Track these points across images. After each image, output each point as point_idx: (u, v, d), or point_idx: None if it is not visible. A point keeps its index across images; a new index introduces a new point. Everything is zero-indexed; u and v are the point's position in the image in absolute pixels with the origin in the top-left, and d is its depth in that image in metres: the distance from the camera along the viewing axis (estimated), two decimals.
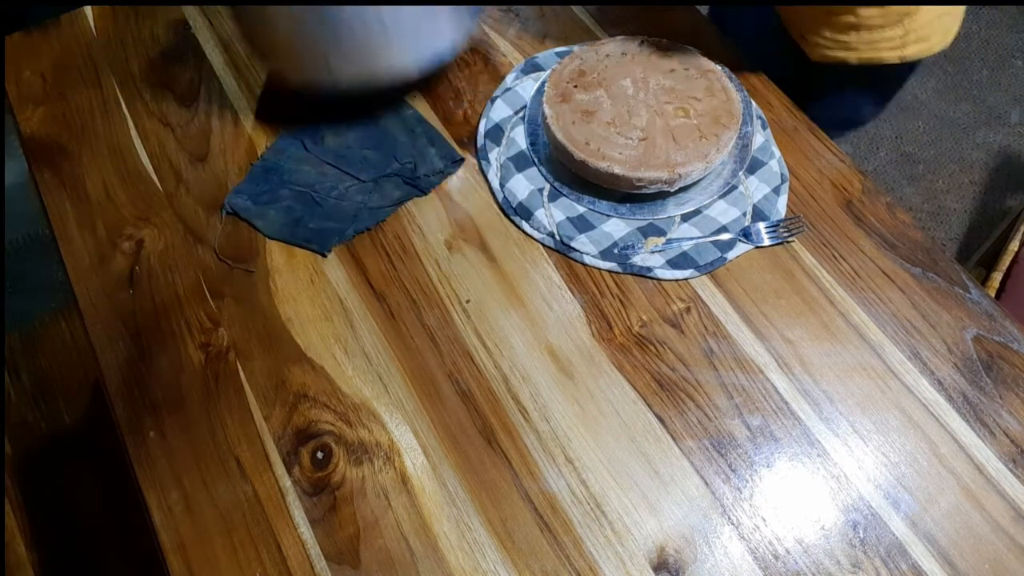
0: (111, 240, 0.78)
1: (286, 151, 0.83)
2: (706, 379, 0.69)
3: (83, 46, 0.94)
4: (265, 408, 0.68)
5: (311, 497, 0.64)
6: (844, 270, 0.74)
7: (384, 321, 0.72)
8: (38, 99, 0.89)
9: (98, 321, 0.73)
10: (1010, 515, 0.62)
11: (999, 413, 0.66)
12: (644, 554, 0.61)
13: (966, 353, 0.69)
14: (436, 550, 0.61)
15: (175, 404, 0.69)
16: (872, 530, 0.62)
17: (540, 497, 0.63)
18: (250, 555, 0.62)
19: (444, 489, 0.64)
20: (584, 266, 0.75)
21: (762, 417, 0.67)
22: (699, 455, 0.65)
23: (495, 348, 0.71)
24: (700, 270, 0.74)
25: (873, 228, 0.77)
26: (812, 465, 0.65)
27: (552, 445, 0.66)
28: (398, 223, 0.79)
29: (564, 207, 0.78)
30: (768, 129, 0.82)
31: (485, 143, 0.83)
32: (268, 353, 0.71)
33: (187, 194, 0.81)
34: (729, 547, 0.61)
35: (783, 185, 0.79)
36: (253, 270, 0.76)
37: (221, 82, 0.90)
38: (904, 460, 0.64)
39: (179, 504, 0.64)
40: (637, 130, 0.77)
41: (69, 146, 0.85)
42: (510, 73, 0.88)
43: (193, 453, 0.66)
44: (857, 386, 0.68)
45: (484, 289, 0.74)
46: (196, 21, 0.96)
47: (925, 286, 0.73)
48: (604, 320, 0.72)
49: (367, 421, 0.67)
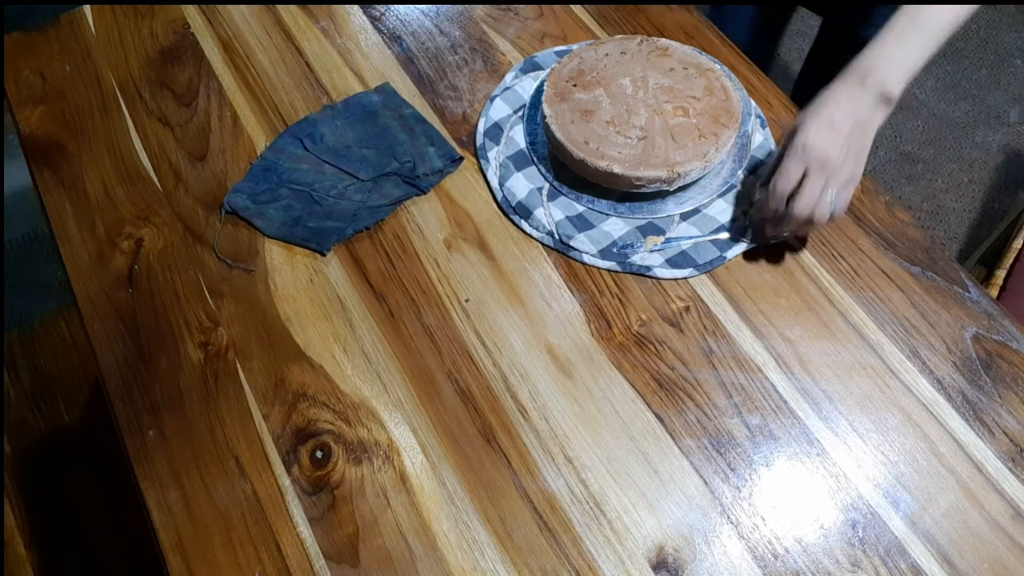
0: (110, 239, 0.78)
1: (285, 150, 0.83)
2: (705, 378, 0.69)
3: (82, 45, 0.94)
4: (264, 407, 0.68)
5: (310, 496, 0.64)
6: (843, 269, 0.74)
7: (383, 320, 0.72)
8: (37, 98, 0.89)
9: (97, 320, 0.73)
10: (1009, 514, 0.62)
11: (998, 412, 0.66)
12: (643, 553, 0.61)
13: (965, 352, 0.69)
14: (435, 549, 0.61)
15: (174, 403, 0.69)
16: (871, 529, 0.62)
17: (539, 496, 0.63)
18: (249, 554, 0.62)
19: (443, 488, 0.64)
20: (583, 265, 0.75)
21: (761, 416, 0.67)
22: (698, 454, 0.65)
23: (494, 347, 0.71)
24: (699, 269, 0.74)
25: (872, 227, 0.77)
26: (811, 464, 0.65)
27: (551, 444, 0.66)
28: (397, 222, 0.79)
29: (563, 206, 0.78)
30: (767, 128, 0.82)
31: (484, 142, 0.83)
32: (267, 352, 0.71)
33: (186, 193, 0.81)
34: (728, 546, 0.61)
35: None
36: (252, 269, 0.76)
37: (220, 81, 0.90)
38: (903, 459, 0.64)
39: (178, 503, 0.64)
40: (636, 129, 0.77)
41: (68, 145, 0.85)
42: (509, 72, 0.88)
43: (192, 452, 0.66)
44: (856, 385, 0.68)
45: (483, 288, 0.74)
46: (195, 21, 0.96)
47: (924, 285, 0.73)
48: (603, 319, 0.72)
49: (366, 420, 0.67)
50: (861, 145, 0.68)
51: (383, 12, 0.96)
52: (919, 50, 0.67)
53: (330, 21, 0.95)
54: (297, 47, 0.93)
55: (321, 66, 0.91)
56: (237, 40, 0.93)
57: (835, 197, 0.68)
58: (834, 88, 0.69)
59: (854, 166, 0.68)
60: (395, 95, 0.87)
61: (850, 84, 0.68)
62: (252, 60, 0.91)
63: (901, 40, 0.68)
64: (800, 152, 0.67)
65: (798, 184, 0.68)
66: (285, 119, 0.86)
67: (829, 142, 0.66)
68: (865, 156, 0.69)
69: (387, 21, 0.95)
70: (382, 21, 0.95)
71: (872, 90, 0.67)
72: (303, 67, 0.91)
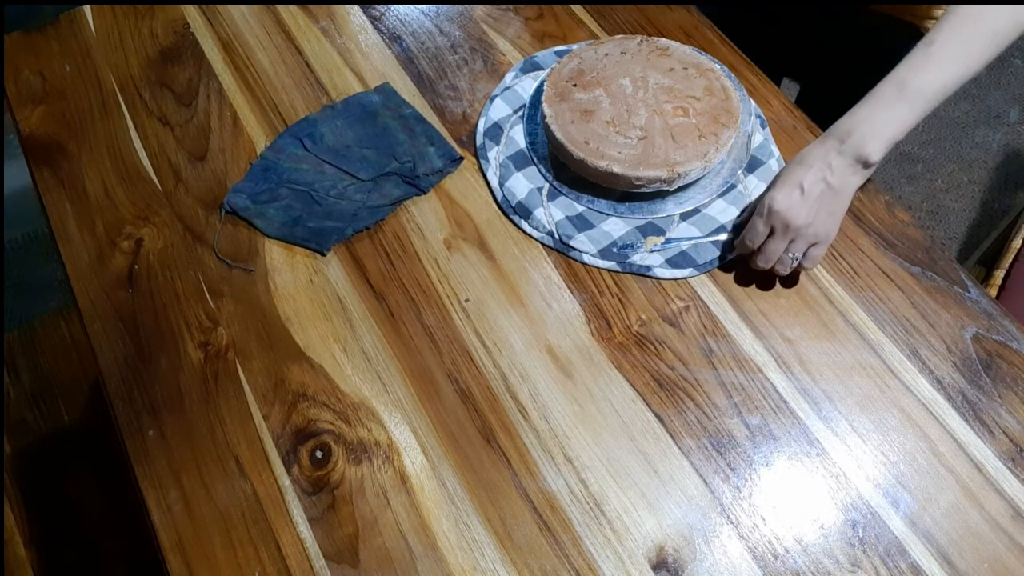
0: (110, 239, 0.78)
1: (285, 150, 0.83)
2: (705, 378, 0.69)
3: (82, 45, 0.94)
4: (264, 407, 0.68)
5: (310, 496, 0.64)
6: (843, 269, 0.74)
7: (383, 320, 0.72)
8: (37, 98, 0.89)
9: (97, 320, 0.73)
10: (1009, 514, 0.62)
11: (998, 412, 0.66)
12: (643, 553, 0.61)
13: (965, 352, 0.69)
14: (435, 549, 0.61)
15: (174, 403, 0.69)
16: (871, 529, 0.62)
17: (539, 496, 0.63)
18: (249, 554, 0.62)
19: (443, 488, 0.64)
20: (583, 265, 0.75)
21: (761, 416, 0.67)
22: (698, 454, 0.65)
23: (494, 347, 0.71)
24: (699, 269, 0.74)
25: (872, 227, 0.77)
26: (811, 464, 0.65)
27: (551, 444, 0.66)
28: (397, 222, 0.79)
29: (563, 206, 0.78)
30: (767, 128, 0.82)
31: (484, 142, 0.83)
32: (267, 352, 0.71)
33: (186, 193, 0.81)
34: (728, 546, 0.61)
35: None
36: (252, 269, 0.76)
37: (220, 81, 0.90)
38: (903, 459, 0.64)
39: (178, 503, 0.64)
40: (636, 129, 0.77)
41: (68, 145, 0.85)
42: (509, 72, 0.88)
43: (192, 452, 0.66)
44: (856, 385, 0.68)
45: (483, 288, 0.74)
46: (195, 20, 0.96)
47: (924, 285, 0.73)
48: (603, 319, 0.72)
49: (366, 420, 0.67)
50: (834, 208, 0.67)
51: (383, 12, 0.96)
52: (904, 116, 0.65)
53: (330, 21, 0.95)
54: (297, 47, 0.93)
55: (321, 66, 0.91)
56: (237, 40, 0.93)
57: (800, 256, 0.69)
58: (811, 149, 0.67)
59: (826, 227, 0.68)
60: (395, 95, 0.87)
61: (827, 146, 0.66)
62: (252, 60, 0.91)
63: (886, 107, 0.65)
64: (766, 213, 0.68)
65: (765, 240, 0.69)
66: (285, 119, 0.86)
67: (795, 206, 0.66)
68: (840, 216, 0.68)
69: (387, 21, 0.95)
70: (382, 21, 0.95)
71: (849, 154, 0.65)
72: (303, 67, 0.91)
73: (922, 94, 0.64)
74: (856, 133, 0.65)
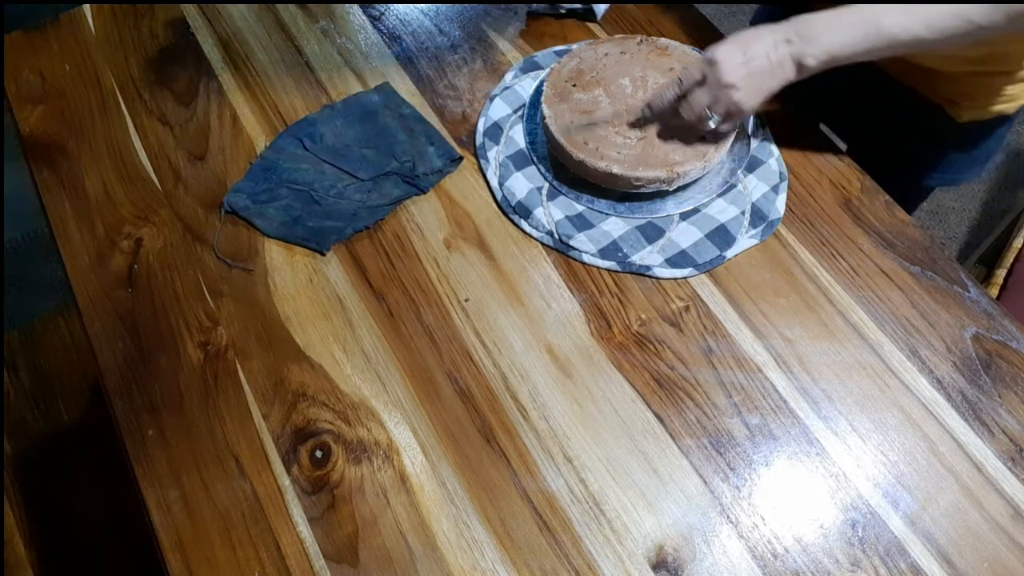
0: (110, 239, 0.78)
1: (285, 150, 0.83)
2: (705, 378, 0.69)
3: (82, 45, 0.94)
4: (264, 407, 0.68)
5: (310, 496, 0.64)
6: (843, 268, 0.74)
7: (383, 320, 0.72)
8: (37, 98, 0.89)
9: (97, 320, 0.73)
10: (1009, 514, 0.62)
11: (998, 412, 0.66)
12: (643, 552, 0.61)
13: (965, 352, 0.69)
14: (435, 548, 0.61)
15: (174, 403, 0.69)
16: (871, 529, 0.62)
17: (539, 496, 0.63)
18: (249, 553, 0.62)
19: (443, 488, 0.64)
20: (583, 265, 0.75)
21: (761, 416, 0.67)
22: (698, 454, 0.65)
23: (494, 347, 0.71)
24: (699, 268, 0.74)
25: (872, 226, 0.77)
26: (811, 464, 0.65)
27: (551, 444, 0.66)
28: (397, 222, 0.79)
29: (563, 206, 0.78)
30: (767, 128, 0.82)
31: (484, 142, 0.83)
32: (267, 352, 0.71)
33: (186, 193, 0.81)
34: (728, 546, 0.61)
35: (782, 184, 0.79)
36: (252, 269, 0.76)
37: (220, 81, 0.90)
38: (903, 459, 0.64)
39: (178, 503, 0.64)
40: (636, 129, 0.77)
41: (68, 145, 0.85)
42: (509, 72, 0.88)
43: (192, 452, 0.66)
44: (856, 385, 0.68)
45: (483, 288, 0.74)
46: (195, 20, 0.96)
47: (924, 285, 0.73)
48: (603, 319, 0.72)
49: (366, 420, 0.67)
50: (762, 84, 0.69)
51: (383, 12, 0.96)
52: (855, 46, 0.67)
53: (330, 21, 0.95)
54: (297, 47, 0.93)
55: (321, 66, 0.91)
56: (237, 40, 0.93)
57: (719, 119, 0.72)
58: (769, 27, 0.69)
59: (748, 98, 0.69)
60: (395, 95, 0.87)
61: (783, 34, 0.68)
62: (252, 60, 0.91)
63: (848, 33, 0.67)
64: (706, 59, 0.70)
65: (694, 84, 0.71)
66: (285, 119, 0.86)
67: (733, 64, 0.68)
68: (762, 96, 0.70)
69: (387, 21, 0.95)
70: (382, 21, 0.95)
71: (796, 51, 0.67)
72: (303, 67, 0.91)
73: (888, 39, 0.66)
74: (811, 40, 0.67)
